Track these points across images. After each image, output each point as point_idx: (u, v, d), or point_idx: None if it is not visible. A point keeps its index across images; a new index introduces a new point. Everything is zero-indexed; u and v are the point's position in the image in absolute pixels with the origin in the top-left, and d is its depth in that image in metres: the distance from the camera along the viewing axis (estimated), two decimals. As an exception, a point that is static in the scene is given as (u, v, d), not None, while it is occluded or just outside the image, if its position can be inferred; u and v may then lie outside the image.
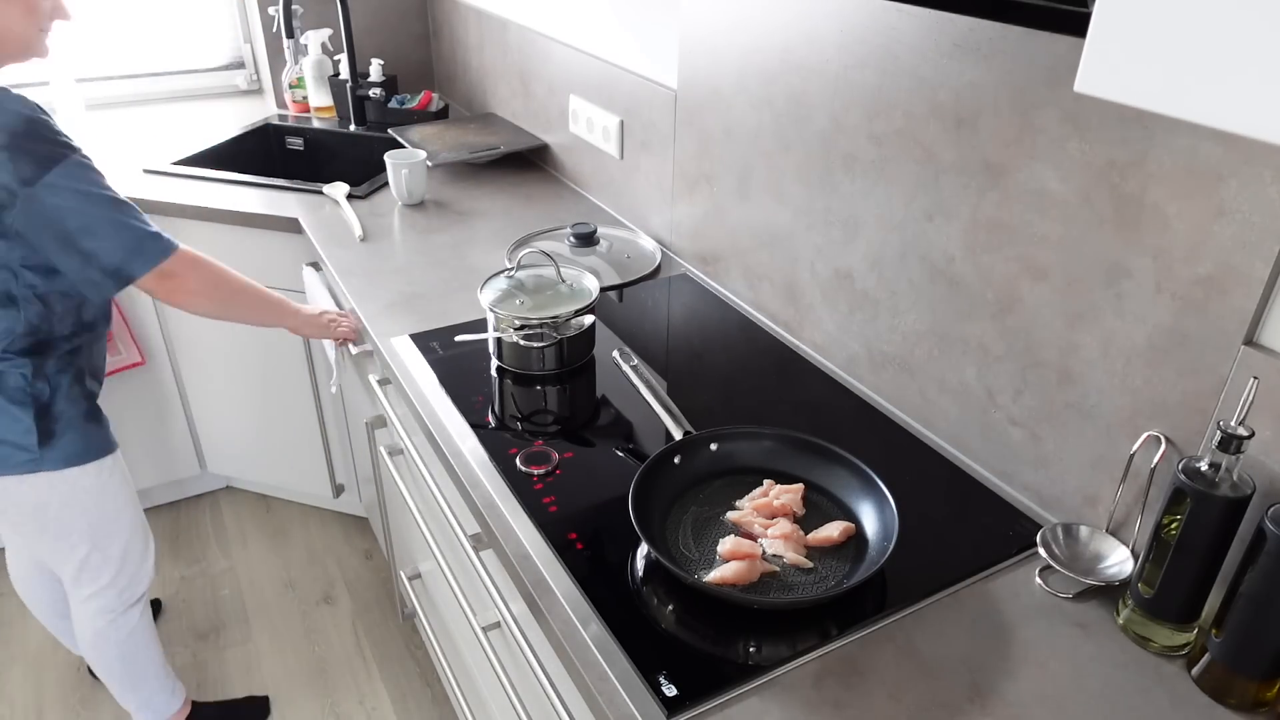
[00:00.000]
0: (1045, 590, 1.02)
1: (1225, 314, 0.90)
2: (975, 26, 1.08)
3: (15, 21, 1.28)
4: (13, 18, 1.27)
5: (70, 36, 2.57)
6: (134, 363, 2.29)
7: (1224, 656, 0.88)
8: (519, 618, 1.13)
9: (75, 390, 1.47)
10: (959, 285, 1.19)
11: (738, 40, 1.48)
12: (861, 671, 0.91)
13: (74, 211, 1.28)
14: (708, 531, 1.08)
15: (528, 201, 2.09)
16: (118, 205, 1.33)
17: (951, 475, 1.22)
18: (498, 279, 1.45)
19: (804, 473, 1.15)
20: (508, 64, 2.37)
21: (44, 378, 1.42)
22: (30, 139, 1.26)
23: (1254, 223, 0.86)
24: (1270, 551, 0.82)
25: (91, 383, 1.53)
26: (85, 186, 1.30)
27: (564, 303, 1.39)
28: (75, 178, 1.29)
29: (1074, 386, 1.07)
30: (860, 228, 1.33)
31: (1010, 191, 1.09)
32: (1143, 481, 1.01)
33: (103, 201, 1.31)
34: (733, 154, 1.57)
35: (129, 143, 2.43)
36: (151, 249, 1.35)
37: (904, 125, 1.21)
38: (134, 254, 1.33)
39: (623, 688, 0.89)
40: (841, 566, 1.03)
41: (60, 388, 1.44)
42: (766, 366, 1.47)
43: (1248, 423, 0.85)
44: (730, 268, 1.66)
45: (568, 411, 1.36)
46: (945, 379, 1.25)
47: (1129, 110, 0.93)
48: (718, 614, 0.97)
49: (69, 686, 2.07)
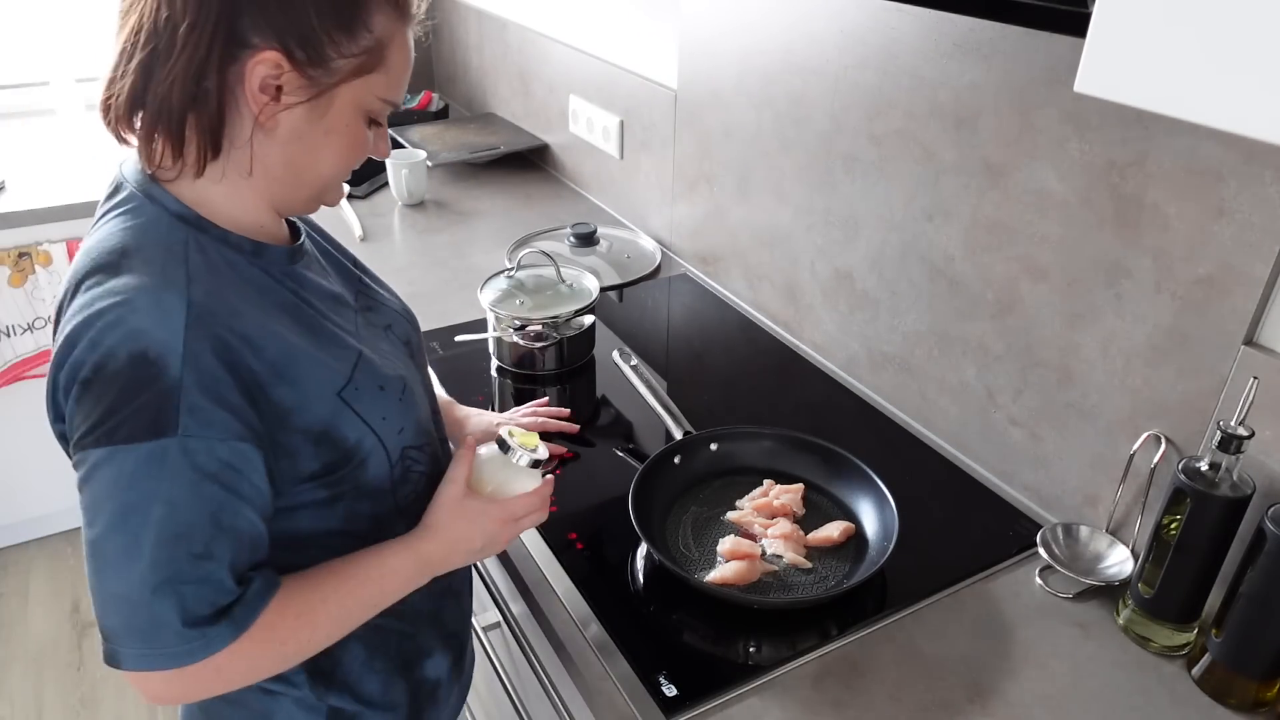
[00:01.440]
0: (1045, 590, 1.02)
1: (1225, 314, 0.90)
2: (975, 26, 1.08)
3: (328, 162, 0.79)
4: (326, 158, 0.79)
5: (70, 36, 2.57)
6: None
7: (1224, 656, 0.88)
8: (519, 618, 1.13)
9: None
10: (959, 285, 1.19)
11: (738, 40, 1.48)
12: (861, 671, 0.91)
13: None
14: (708, 531, 1.07)
15: (528, 201, 2.09)
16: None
17: (951, 475, 1.22)
18: (498, 279, 1.45)
19: (804, 473, 1.15)
20: (508, 64, 2.37)
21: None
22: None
23: (1254, 223, 0.86)
24: (1270, 551, 0.82)
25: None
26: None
27: (564, 303, 1.39)
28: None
29: (1074, 386, 1.07)
30: (860, 228, 1.33)
31: (1010, 191, 1.09)
32: (1143, 481, 1.01)
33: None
34: (733, 154, 1.57)
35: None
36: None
37: (904, 125, 1.21)
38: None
39: (623, 688, 0.88)
40: (841, 566, 1.03)
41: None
42: (766, 366, 1.47)
43: (1248, 423, 0.85)
44: (730, 268, 1.66)
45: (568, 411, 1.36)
46: (945, 379, 1.25)
47: (1129, 110, 0.93)
48: (718, 614, 0.97)
49: (69, 686, 2.07)
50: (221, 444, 0.69)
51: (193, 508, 0.69)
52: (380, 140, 0.83)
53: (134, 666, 0.70)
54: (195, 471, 0.68)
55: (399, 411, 0.84)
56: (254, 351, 0.73)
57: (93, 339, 0.68)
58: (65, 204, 2.09)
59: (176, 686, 0.73)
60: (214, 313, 0.71)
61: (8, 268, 2.08)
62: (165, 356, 0.67)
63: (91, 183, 2.19)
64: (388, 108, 0.79)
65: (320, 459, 0.77)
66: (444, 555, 0.85)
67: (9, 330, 2.13)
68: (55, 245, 2.10)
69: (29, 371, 2.20)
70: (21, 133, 2.48)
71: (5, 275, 2.08)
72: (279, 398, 0.74)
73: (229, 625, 0.71)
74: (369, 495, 0.83)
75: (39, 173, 2.24)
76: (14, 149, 2.37)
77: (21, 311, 2.14)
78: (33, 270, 2.10)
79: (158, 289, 0.70)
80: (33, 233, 2.08)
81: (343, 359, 0.81)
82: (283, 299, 0.80)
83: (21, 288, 2.11)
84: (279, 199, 0.80)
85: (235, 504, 0.71)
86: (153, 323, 0.68)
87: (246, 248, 0.78)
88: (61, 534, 2.50)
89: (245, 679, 0.76)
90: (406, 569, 0.83)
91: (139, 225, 0.75)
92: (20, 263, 2.09)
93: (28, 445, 2.30)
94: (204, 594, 0.70)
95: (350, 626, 0.81)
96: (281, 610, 0.75)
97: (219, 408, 0.69)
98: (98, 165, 2.29)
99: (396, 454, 0.84)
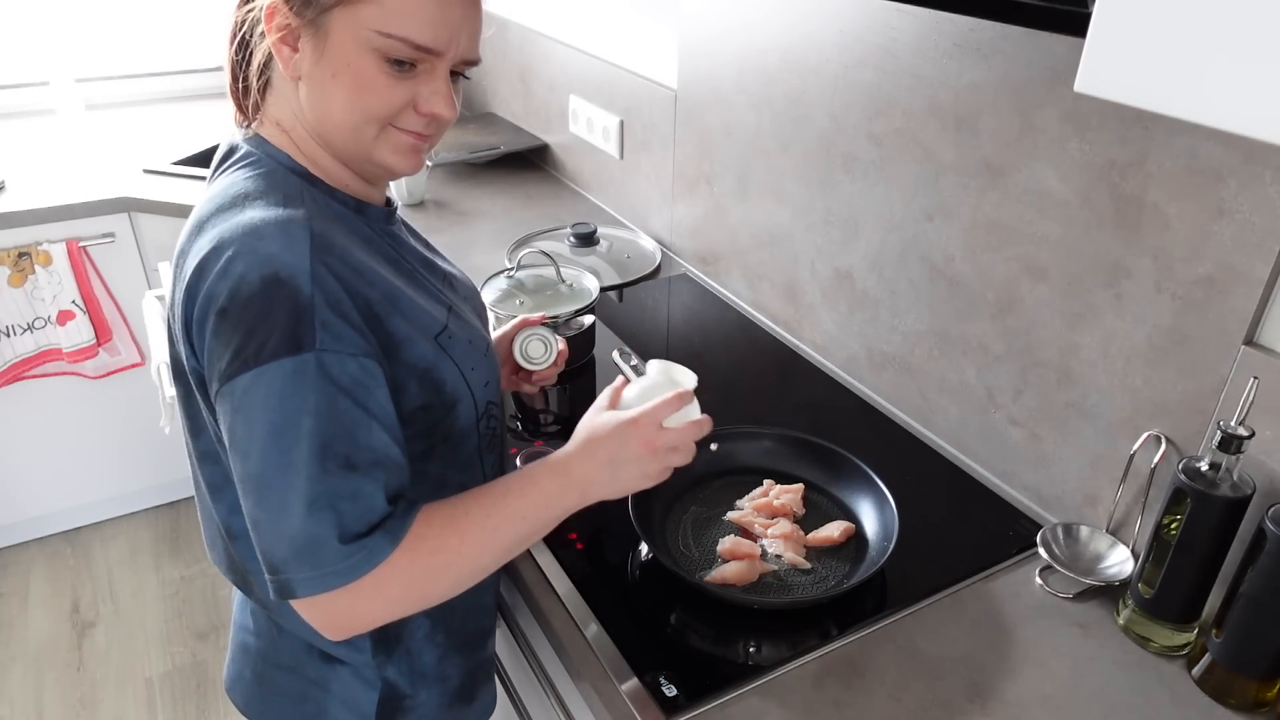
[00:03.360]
0: (1045, 590, 1.02)
1: (1225, 314, 0.90)
2: (975, 26, 1.08)
3: (339, 106, 0.78)
4: (337, 102, 0.78)
5: (70, 36, 2.57)
6: (134, 363, 2.30)
7: (1224, 657, 0.88)
8: (519, 618, 1.13)
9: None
10: (959, 285, 1.19)
11: (738, 40, 1.48)
12: (861, 671, 0.91)
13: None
14: (708, 531, 1.07)
15: (528, 201, 2.09)
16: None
17: (951, 475, 1.22)
18: (498, 279, 1.45)
19: (804, 473, 1.15)
20: (508, 64, 2.37)
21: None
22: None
23: (1254, 223, 0.86)
24: (1270, 551, 0.82)
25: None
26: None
27: (564, 303, 1.39)
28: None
29: (1074, 386, 1.07)
30: (860, 228, 1.33)
31: (1010, 191, 1.09)
32: (1143, 481, 1.01)
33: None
34: (733, 154, 1.57)
35: (129, 143, 2.43)
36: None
37: (904, 125, 1.21)
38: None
39: (623, 688, 0.88)
40: (841, 566, 1.03)
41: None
42: (766, 366, 1.47)
43: (1248, 423, 0.85)
44: (730, 268, 1.66)
45: (568, 411, 1.36)
46: (945, 379, 1.25)
47: (1129, 110, 0.93)
48: (718, 614, 0.97)
49: (69, 686, 2.07)
50: (353, 359, 0.72)
51: (334, 420, 0.71)
52: (433, 95, 0.78)
53: (307, 591, 0.72)
54: (333, 385, 0.71)
55: (485, 365, 0.89)
56: (368, 283, 0.77)
57: (223, 268, 0.71)
58: (65, 204, 2.09)
59: (343, 611, 0.74)
60: (331, 244, 0.75)
61: (8, 268, 2.08)
62: (296, 277, 0.71)
63: (92, 183, 2.19)
64: (401, 45, 0.74)
65: (422, 397, 0.81)
66: (587, 472, 0.82)
67: (9, 330, 2.13)
68: (55, 245, 2.10)
69: (29, 371, 2.20)
70: (21, 133, 2.48)
71: (5, 275, 2.08)
72: (393, 328, 0.78)
73: (385, 535, 0.73)
74: (458, 451, 0.86)
75: (39, 173, 2.24)
76: (14, 149, 2.37)
77: (21, 311, 2.14)
78: (33, 270, 2.10)
79: (283, 221, 0.74)
80: (33, 233, 2.08)
81: (437, 309, 0.85)
82: (384, 251, 0.85)
83: (21, 288, 2.11)
84: (340, 154, 0.82)
85: (369, 422, 0.73)
86: (280, 248, 0.72)
87: (350, 203, 0.84)
88: (61, 534, 2.50)
89: (405, 599, 0.76)
90: (549, 482, 0.81)
91: (259, 173, 0.80)
92: (20, 263, 2.09)
93: (28, 445, 2.30)
94: (358, 510, 0.72)
95: (502, 543, 0.79)
96: (428, 520, 0.76)
97: (347, 324, 0.73)
98: (98, 165, 2.29)
99: (482, 406, 0.88)
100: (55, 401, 2.27)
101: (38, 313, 2.16)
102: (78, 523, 2.51)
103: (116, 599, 2.31)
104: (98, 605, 2.29)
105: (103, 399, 2.32)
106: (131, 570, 2.40)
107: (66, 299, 2.15)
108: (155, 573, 2.39)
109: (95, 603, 2.30)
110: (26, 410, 2.25)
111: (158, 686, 2.08)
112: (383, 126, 0.79)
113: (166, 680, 2.09)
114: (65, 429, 2.32)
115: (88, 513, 2.51)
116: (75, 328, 2.18)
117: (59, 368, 2.23)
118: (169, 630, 2.22)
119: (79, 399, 2.30)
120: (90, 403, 2.31)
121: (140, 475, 2.47)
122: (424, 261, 0.92)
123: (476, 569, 0.79)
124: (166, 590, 2.35)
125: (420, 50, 0.75)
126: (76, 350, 2.21)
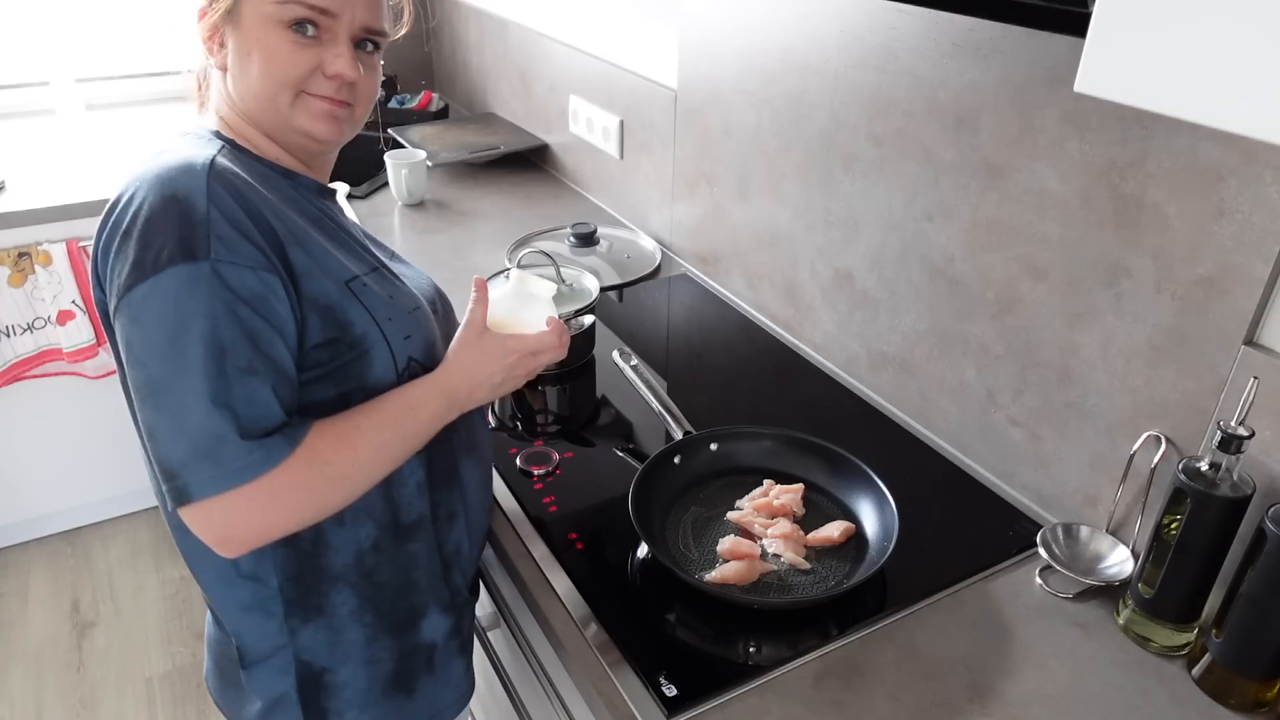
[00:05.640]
0: (1045, 590, 1.02)
1: (1225, 314, 0.90)
2: (975, 26, 1.08)
3: (255, 77, 0.85)
4: (253, 74, 0.85)
5: (70, 36, 2.57)
6: (134, 363, 2.29)
7: (1224, 657, 0.88)
8: (519, 618, 1.13)
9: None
10: (959, 285, 1.19)
11: (738, 40, 1.48)
12: (861, 671, 0.91)
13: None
14: (708, 531, 1.07)
15: (528, 201, 2.09)
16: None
17: (951, 475, 1.22)
18: (497, 279, 1.45)
19: (804, 473, 1.15)
20: (508, 64, 2.37)
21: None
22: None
23: (1254, 223, 0.86)
24: (1270, 551, 0.82)
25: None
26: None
27: (564, 303, 1.39)
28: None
29: (1074, 386, 1.07)
30: (860, 228, 1.33)
31: (1010, 191, 1.09)
32: (1143, 481, 1.01)
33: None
34: (733, 154, 1.57)
35: (129, 143, 2.43)
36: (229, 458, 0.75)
37: (904, 125, 1.21)
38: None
39: (623, 688, 0.88)
40: (841, 566, 1.03)
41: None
42: (766, 366, 1.47)
43: (1248, 423, 0.85)
44: (730, 268, 1.66)
45: (568, 411, 1.36)
46: (945, 379, 1.25)
47: (1129, 110, 0.93)
48: (718, 614, 0.97)
49: (69, 686, 2.07)
50: (250, 272, 0.76)
51: (232, 325, 0.74)
52: (336, 58, 0.85)
53: (206, 492, 0.74)
54: (230, 293, 0.74)
55: (407, 321, 0.90)
56: (275, 216, 0.81)
57: (128, 197, 0.77)
58: (65, 204, 2.09)
59: (240, 518, 0.76)
60: (237, 176, 0.80)
61: (7, 268, 2.08)
62: (192, 195, 0.75)
63: (91, 183, 2.19)
64: (296, 5, 0.82)
65: (324, 333, 0.82)
66: (467, 389, 0.91)
67: (9, 330, 2.13)
68: (55, 245, 2.10)
69: (29, 371, 2.20)
70: (21, 133, 2.48)
71: (5, 275, 2.08)
72: (294, 258, 0.81)
73: (283, 438, 0.76)
74: (374, 397, 0.88)
75: (39, 173, 2.24)
76: (14, 149, 2.37)
77: (21, 311, 2.14)
78: (32, 270, 2.10)
79: (188, 157, 0.79)
80: (32, 233, 2.08)
81: (354, 263, 0.88)
82: (308, 210, 0.88)
83: (21, 288, 2.11)
84: (265, 127, 0.88)
85: (269, 332, 0.76)
86: (179, 173, 0.77)
87: (278, 170, 0.89)
88: (61, 534, 2.50)
89: (302, 508, 0.80)
90: (433, 401, 0.88)
91: (186, 139, 0.85)
92: (20, 263, 2.09)
93: (28, 445, 2.30)
94: (255, 413, 0.75)
95: (390, 458, 0.85)
96: (321, 432, 0.80)
97: (245, 240, 0.76)
98: (98, 165, 2.29)
99: (403, 361, 0.89)
100: (55, 401, 2.27)
101: (38, 313, 2.16)
102: (78, 523, 2.52)
103: (116, 599, 2.31)
104: (98, 605, 2.29)
105: (103, 399, 2.31)
106: (131, 570, 2.40)
107: (66, 299, 2.15)
108: (155, 573, 2.39)
109: (95, 603, 2.30)
110: (26, 410, 2.25)
111: (158, 686, 2.08)
112: (296, 93, 0.86)
113: (166, 680, 2.09)
114: (65, 429, 2.32)
115: (88, 513, 2.51)
116: (75, 328, 2.19)
117: (59, 368, 2.23)
118: (169, 630, 2.22)
119: (79, 399, 2.30)
120: (90, 403, 2.31)
121: (141, 475, 2.45)
122: (364, 236, 0.97)
123: (367, 482, 0.84)
124: (166, 590, 2.35)
125: (314, 9, 0.83)
126: (76, 350, 2.21)
